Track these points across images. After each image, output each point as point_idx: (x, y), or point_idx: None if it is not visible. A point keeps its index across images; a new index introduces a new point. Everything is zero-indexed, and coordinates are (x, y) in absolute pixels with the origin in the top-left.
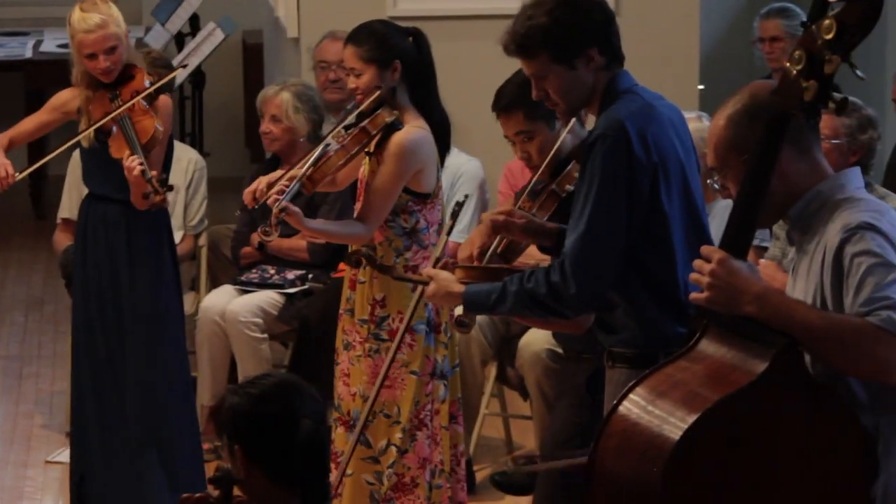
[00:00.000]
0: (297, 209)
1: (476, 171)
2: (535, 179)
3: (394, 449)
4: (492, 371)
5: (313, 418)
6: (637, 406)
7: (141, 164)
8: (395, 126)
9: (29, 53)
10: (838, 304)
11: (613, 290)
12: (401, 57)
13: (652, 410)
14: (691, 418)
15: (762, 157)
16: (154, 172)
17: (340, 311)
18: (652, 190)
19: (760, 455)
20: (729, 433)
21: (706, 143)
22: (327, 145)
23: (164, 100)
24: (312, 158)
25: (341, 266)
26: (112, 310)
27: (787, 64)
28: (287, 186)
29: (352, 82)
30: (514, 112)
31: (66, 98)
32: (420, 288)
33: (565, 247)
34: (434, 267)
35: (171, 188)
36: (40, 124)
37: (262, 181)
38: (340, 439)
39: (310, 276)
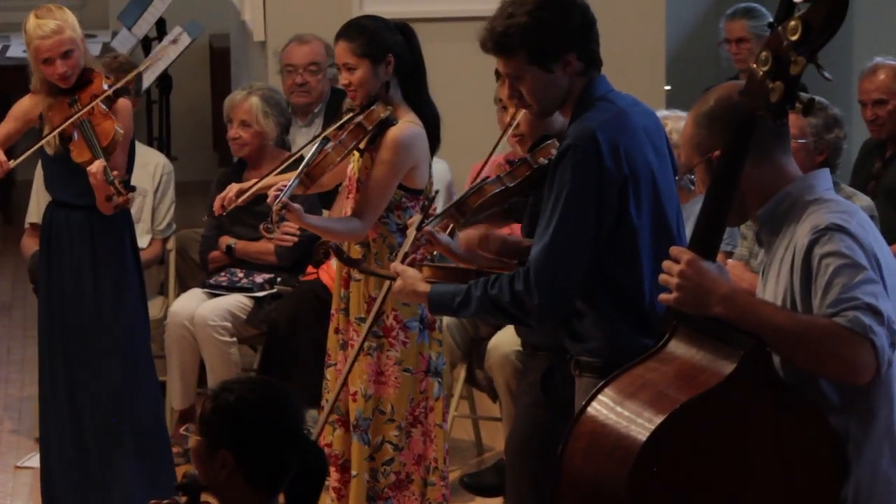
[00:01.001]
0: (297, 206)
1: (443, 173)
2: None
3: (389, 446)
4: (461, 373)
5: (295, 426)
6: (605, 407)
7: (103, 166)
8: (389, 122)
9: None
10: (807, 306)
11: (581, 300)
12: (393, 51)
13: (620, 411)
14: (658, 419)
15: (729, 159)
16: (116, 173)
17: (333, 311)
18: (621, 202)
19: (729, 456)
20: (697, 434)
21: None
22: (324, 142)
23: (124, 102)
24: (309, 155)
25: (310, 269)
26: (75, 315)
27: (754, 65)
28: (285, 185)
29: (344, 78)
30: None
31: (26, 106)
32: (387, 283)
33: (531, 255)
34: (402, 262)
35: (133, 189)
36: (4, 135)
37: (233, 188)
38: (339, 441)
39: (278, 279)
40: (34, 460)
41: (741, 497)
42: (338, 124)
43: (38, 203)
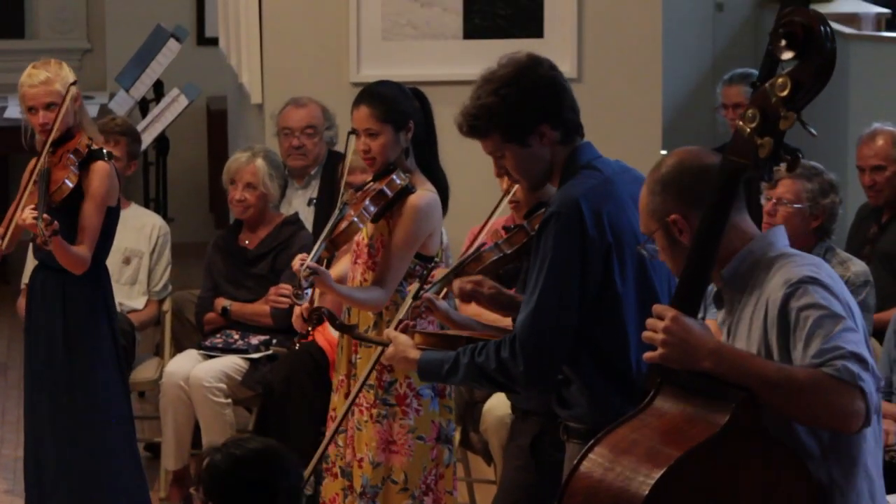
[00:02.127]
0: (325, 270)
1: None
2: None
3: None
4: (456, 436)
5: (290, 489)
6: (600, 464)
7: (33, 208)
8: (408, 190)
9: None
10: (785, 359)
11: (567, 366)
12: (413, 117)
13: (616, 468)
14: (657, 473)
15: (714, 215)
16: (46, 217)
17: (342, 377)
18: (605, 270)
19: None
20: (693, 486)
21: None
22: (344, 207)
23: (100, 165)
24: (331, 222)
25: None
26: (50, 381)
27: (741, 123)
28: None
29: (364, 144)
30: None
31: (31, 167)
32: (380, 349)
33: (516, 322)
34: (396, 329)
35: (57, 232)
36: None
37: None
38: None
39: (273, 341)
40: None
41: None
42: (355, 189)
43: (33, 264)
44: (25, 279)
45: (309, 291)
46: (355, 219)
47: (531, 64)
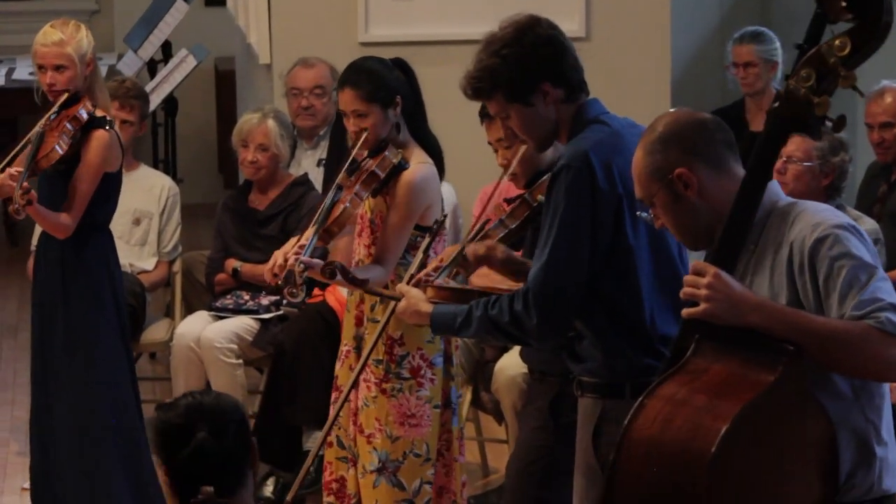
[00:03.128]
0: (318, 261)
1: (449, 196)
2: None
3: (427, 487)
4: (467, 396)
5: (210, 431)
6: (658, 417)
7: (10, 173)
8: (401, 166)
9: (1, 81)
10: (818, 305)
11: (579, 320)
12: (400, 91)
13: (675, 419)
14: (722, 426)
15: (758, 171)
16: (25, 185)
17: (347, 349)
18: (616, 222)
19: (772, 460)
20: (750, 438)
21: None
22: (338, 190)
23: (99, 134)
24: (324, 209)
25: (316, 291)
26: (49, 346)
27: (792, 82)
28: (304, 245)
29: (353, 124)
30: (495, 121)
31: None
32: (392, 303)
33: (529, 276)
34: (408, 283)
35: (30, 202)
36: None
37: (278, 256)
38: (353, 480)
39: (284, 301)
40: None
41: (785, 496)
42: (345, 168)
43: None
44: (35, 241)
45: (304, 288)
46: (348, 205)
47: (530, 23)
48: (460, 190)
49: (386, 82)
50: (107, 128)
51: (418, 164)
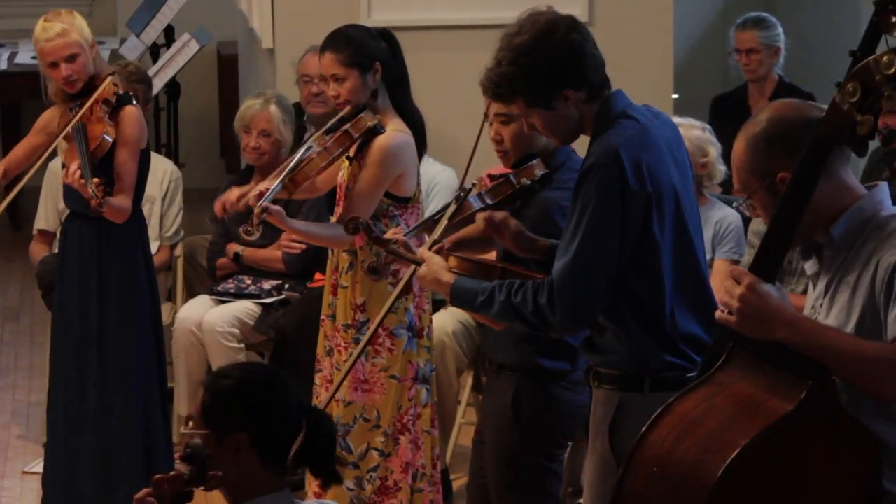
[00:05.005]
0: (278, 208)
1: (451, 181)
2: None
3: (375, 453)
4: (467, 380)
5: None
6: (669, 435)
7: (79, 167)
8: (377, 130)
9: (3, 66)
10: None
11: (603, 314)
12: (380, 58)
13: (685, 440)
14: (731, 453)
15: (800, 186)
16: (96, 180)
17: (322, 317)
18: (644, 219)
19: (790, 487)
20: (765, 463)
21: (703, 151)
22: (309, 148)
23: (130, 110)
24: (294, 161)
25: (318, 275)
26: (82, 327)
27: (837, 97)
28: (269, 188)
29: (333, 89)
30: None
31: (47, 118)
32: (412, 267)
33: (554, 269)
34: (430, 249)
35: (109, 192)
36: (30, 149)
37: (234, 192)
38: None
39: (286, 285)
40: (41, 466)
41: None
42: (324, 129)
43: (45, 209)
44: (40, 224)
45: (260, 228)
46: (315, 157)
47: (549, 29)
48: (460, 174)
49: (366, 49)
50: (133, 103)
51: (394, 130)
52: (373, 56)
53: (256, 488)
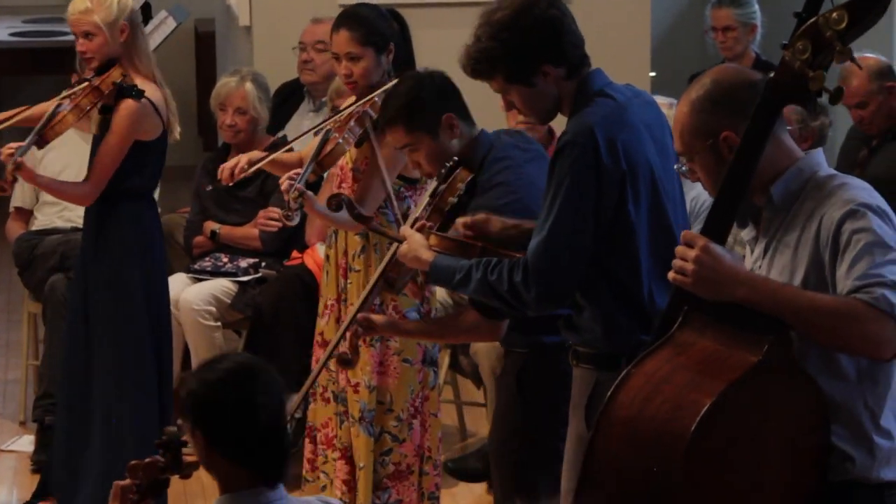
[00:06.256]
0: (311, 193)
1: None
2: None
3: (388, 437)
4: (445, 359)
5: (271, 399)
6: (637, 395)
7: (12, 147)
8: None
9: None
10: (833, 277)
11: (580, 293)
12: (393, 39)
13: (654, 399)
14: (703, 405)
15: (751, 145)
16: (20, 160)
17: (332, 302)
18: (619, 198)
19: (754, 440)
20: (733, 417)
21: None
22: (328, 132)
23: (125, 104)
24: (317, 145)
25: (294, 253)
26: (79, 306)
27: (788, 54)
28: (299, 173)
29: (345, 67)
30: (394, 127)
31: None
32: (394, 246)
33: (528, 248)
34: (412, 227)
35: (15, 179)
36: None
37: (243, 158)
38: (346, 433)
39: (262, 264)
40: (19, 443)
41: (763, 479)
42: (336, 113)
43: (22, 187)
44: (16, 202)
45: (298, 213)
46: (340, 140)
47: (528, 5)
48: None
49: (381, 28)
50: (134, 96)
51: None
52: (387, 36)
53: (226, 484)
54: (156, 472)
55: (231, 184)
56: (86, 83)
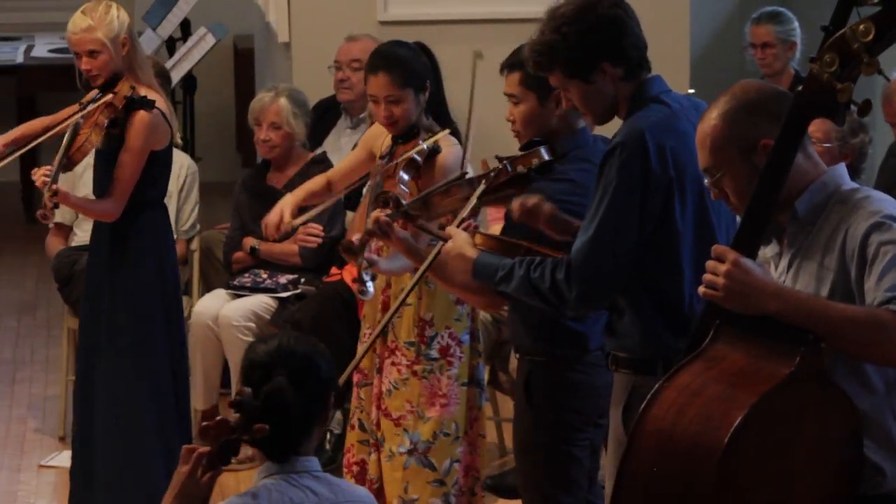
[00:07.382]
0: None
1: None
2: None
3: (456, 465)
4: (484, 375)
5: (290, 378)
6: (671, 408)
7: (45, 174)
8: (435, 151)
9: (20, 59)
10: (861, 291)
11: (622, 297)
12: (428, 76)
13: (687, 412)
14: (736, 417)
15: (781, 156)
16: (55, 187)
17: (367, 330)
18: (665, 204)
19: (789, 448)
20: (765, 429)
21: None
22: (379, 183)
23: (139, 116)
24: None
25: (333, 269)
26: (93, 318)
27: (815, 67)
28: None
29: (385, 110)
30: (512, 72)
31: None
32: (439, 243)
33: (573, 247)
34: (458, 227)
35: (56, 206)
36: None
37: (286, 211)
38: (374, 466)
39: (302, 280)
40: (58, 459)
41: (795, 491)
42: (392, 163)
43: None
44: (56, 217)
45: (371, 285)
46: (403, 187)
47: (593, 1)
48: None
49: (416, 68)
50: (147, 108)
51: (449, 147)
52: (423, 75)
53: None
54: (226, 430)
55: (276, 238)
56: (100, 101)
